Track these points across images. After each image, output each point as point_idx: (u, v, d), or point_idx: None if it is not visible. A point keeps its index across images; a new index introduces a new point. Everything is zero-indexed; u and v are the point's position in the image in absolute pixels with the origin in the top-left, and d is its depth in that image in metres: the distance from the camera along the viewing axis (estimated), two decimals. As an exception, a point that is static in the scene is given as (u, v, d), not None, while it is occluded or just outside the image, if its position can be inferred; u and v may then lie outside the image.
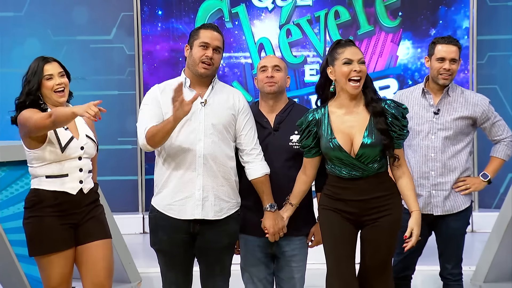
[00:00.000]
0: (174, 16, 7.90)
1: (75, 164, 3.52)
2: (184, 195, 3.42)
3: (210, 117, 3.44)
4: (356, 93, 3.36)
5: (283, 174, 3.58)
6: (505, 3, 7.81)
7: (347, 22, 7.84)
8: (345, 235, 3.42)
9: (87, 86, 7.64)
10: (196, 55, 3.45)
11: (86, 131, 3.59)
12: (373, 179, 3.39)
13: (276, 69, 3.63)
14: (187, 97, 3.31)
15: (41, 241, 3.50)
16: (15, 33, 7.89)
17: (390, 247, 3.45)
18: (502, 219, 5.01)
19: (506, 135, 4.02)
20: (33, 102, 3.49)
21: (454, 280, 3.99)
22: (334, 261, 3.42)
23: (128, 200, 8.00)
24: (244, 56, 7.95)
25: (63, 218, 3.50)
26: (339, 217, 3.42)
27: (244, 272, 3.71)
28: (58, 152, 3.47)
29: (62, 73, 3.56)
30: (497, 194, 7.76)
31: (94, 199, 3.62)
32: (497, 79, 7.80)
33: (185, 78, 3.49)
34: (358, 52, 3.39)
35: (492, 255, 5.07)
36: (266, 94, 3.65)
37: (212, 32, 3.49)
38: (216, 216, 3.45)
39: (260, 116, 3.65)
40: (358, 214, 3.40)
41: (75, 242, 3.56)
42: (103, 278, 3.56)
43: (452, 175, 3.93)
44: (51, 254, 3.49)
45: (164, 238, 3.48)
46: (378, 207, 3.39)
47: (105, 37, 8.00)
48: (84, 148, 3.54)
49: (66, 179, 3.50)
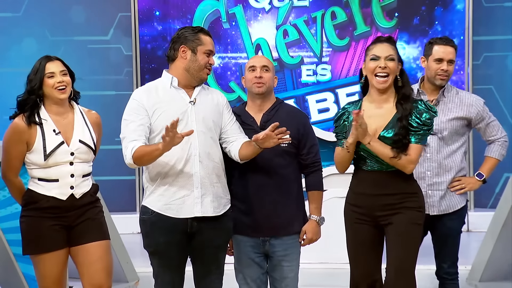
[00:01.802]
0: (171, 16, 7.89)
1: (66, 169, 3.51)
2: (183, 193, 3.42)
3: (200, 115, 3.46)
4: (382, 87, 3.42)
5: (274, 172, 3.59)
6: (501, 3, 7.82)
7: (343, 23, 7.85)
8: (362, 235, 3.48)
9: (85, 86, 7.51)
10: (203, 61, 3.49)
11: (82, 135, 3.57)
12: (389, 175, 3.42)
13: (265, 69, 3.63)
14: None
15: (33, 240, 3.52)
16: (13, 33, 7.88)
17: (407, 247, 3.43)
18: (498, 218, 5.02)
19: (501, 135, 4.04)
20: (33, 104, 3.50)
21: (450, 279, 4.00)
22: (350, 259, 3.53)
23: (125, 200, 8.00)
24: (241, 56, 7.95)
25: (54, 220, 3.50)
26: (356, 216, 3.48)
27: (238, 272, 3.71)
28: (42, 159, 3.48)
29: (65, 71, 3.55)
30: (492, 193, 7.77)
31: (90, 202, 3.60)
32: (493, 79, 7.82)
33: (172, 77, 3.50)
34: (387, 49, 3.43)
35: (488, 254, 5.07)
36: (254, 94, 3.66)
37: (211, 39, 3.56)
38: (215, 212, 3.47)
39: (246, 116, 3.66)
40: (371, 210, 3.44)
41: (68, 243, 3.56)
42: (100, 278, 3.56)
43: (448, 175, 3.93)
44: (42, 253, 3.50)
45: (160, 239, 3.46)
46: (391, 205, 3.42)
47: (103, 37, 8.00)
48: (74, 154, 3.53)
49: (56, 184, 3.50)
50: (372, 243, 3.49)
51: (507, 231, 4.96)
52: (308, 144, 3.66)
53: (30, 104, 3.49)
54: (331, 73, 7.88)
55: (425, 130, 3.41)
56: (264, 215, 3.58)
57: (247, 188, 3.60)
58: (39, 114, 3.51)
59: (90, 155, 3.59)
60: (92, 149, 3.60)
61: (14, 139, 3.49)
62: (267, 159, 3.57)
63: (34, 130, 3.48)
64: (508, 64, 7.87)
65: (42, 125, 3.49)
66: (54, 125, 3.52)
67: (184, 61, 3.51)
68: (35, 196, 3.51)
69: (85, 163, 3.59)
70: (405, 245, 3.43)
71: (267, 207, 3.58)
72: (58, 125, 3.53)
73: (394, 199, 3.43)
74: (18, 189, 3.61)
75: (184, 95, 3.49)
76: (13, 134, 3.49)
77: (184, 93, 3.49)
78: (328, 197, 3.80)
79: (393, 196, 3.43)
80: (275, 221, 3.59)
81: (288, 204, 3.63)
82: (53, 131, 3.50)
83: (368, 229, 3.48)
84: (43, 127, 3.49)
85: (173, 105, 3.45)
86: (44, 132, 3.48)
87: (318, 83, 7.91)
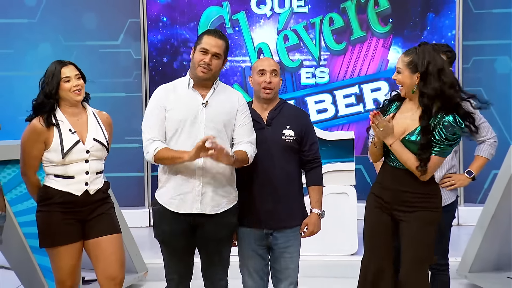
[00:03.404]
0: (178, 22, 7.89)
1: (81, 167, 3.54)
2: (185, 190, 3.43)
3: (210, 117, 3.45)
4: (402, 95, 3.40)
5: (280, 167, 3.59)
6: (489, 10, 7.81)
7: (341, 28, 7.85)
8: (379, 222, 3.48)
9: (96, 89, 7.60)
10: (196, 59, 3.47)
11: (96, 134, 3.60)
12: (411, 175, 3.39)
13: (274, 74, 3.63)
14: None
15: (48, 234, 3.54)
16: (28, 39, 7.89)
17: (423, 244, 3.41)
18: (486, 213, 5.02)
19: (490, 136, 4.04)
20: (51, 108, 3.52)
21: (441, 270, 4.01)
22: (365, 244, 3.55)
23: (134, 195, 8.00)
24: (244, 60, 7.96)
25: (69, 214, 3.52)
26: (376, 205, 3.49)
27: (241, 263, 3.71)
28: (60, 157, 3.49)
29: (78, 75, 3.58)
30: (481, 189, 7.77)
31: (102, 198, 3.62)
32: (482, 82, 7.81)
33: (189, 79, 3.51)
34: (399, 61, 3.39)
35: (477, 247, 5.07)
36: (261, 98, 3.66)
37: (214, 39, 3.49)
38: (213, 210, 3.47)
39: (253, 113, 3.66)
40: (391, 203, 3.44)
41: (82, 236, 3.57)
42: (114, 271, 3.58)
43: (439, 172, 3.94)
44: (57, 246, 3.52)
45: (166, 229, 3.49)
46: (410, 202, 3.40)
47: (113, 42, 8.00)
48: (89, 152, 3.55)
49: (72, 180, 3.52)
50: (387, 232, 3.48)
51: (495, 225, 4.96)
52: (309, 141, 3.67)
53: (48, 107, 3.51)
54: (329, 75, 7.88)
55: (446, 144, 3.32)
56: (267, 208, 3.59)
57: (251, 182, 3.60)
58: (55, 116, 3.53)
59: (103, 152, 3.61)
60: (105, 147, 3.62)
61: (32, 140, 3.51)
62: (272, 153, 3.58)
63: (51, 130, 3.50)
64: (496, 67, 7.86)
65: (59, 125, 3.52)
66: (70, 125, 3.54)
67: (191, 61, 3.54)
68: (50, 191, 3.53)
69: (99, 160, 3.61)
70: (415, 246, 3.41)
71: (271, 201, 3.59)
72: (74, 125, 3.56)
73: (411, 197, 3.41)
74: (36, 186, 3.63)
75: (198, 96, 3.47)
76: (31, 135, 3.51)
77: (198, 95, 3.47)
78: (326, 193, 3.79)
79: (411, 194, 3.41)
80: (278, 214, 3.60)
81: (290, 198, 3.63)
82: (69, 130, 3.52)
83: (387, 219, 3.48)
84: (60, 128, 3.52)
85: (186, 106, 3.45)
86: (61, 132, 3.51)
87: (317, 85, 7.91)
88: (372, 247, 3.52)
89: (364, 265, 3.55)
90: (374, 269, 3.49)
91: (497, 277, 5.08)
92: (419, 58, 3.34)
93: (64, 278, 3.56)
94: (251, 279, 3.67)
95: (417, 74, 3.34)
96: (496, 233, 5.01)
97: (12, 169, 4.31)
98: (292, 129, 3.61)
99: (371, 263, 3.50)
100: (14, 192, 4.32)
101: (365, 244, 3.59)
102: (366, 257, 3.55)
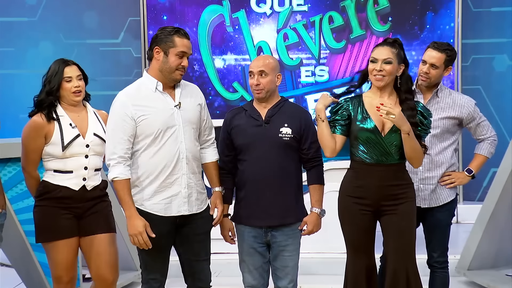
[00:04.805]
0: (178, 21, 7.88)
1: (81, 162, 3.53)
2: (170, 194, 3.39)
3: (186, 118, 3.41)
4: (377, 85, 3.47)
5: (277, 164, 3.56)
6: (488, 9, 7.80)
7: (340, 27, 7.83)
8: (365, 225, 3.50)
9: (97, 87, 7.56)
10: (174, 63, 3.34)
11: (95, 129, 3.59)
12: (393, 168, 3.47)
13: (262, 74, 3.55)
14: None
15: (45, 228, 3.54)
16: (29, 37, 7.88)
17: (411, 232, 3.50)
18: (485, 211, 5.01)
19: (490, 134, 4.02)
20: (50, 104, 3.53)
21: (440, 268, 3.99)
22: (352, 250, 3.54)
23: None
24: (243, 58, 7.94)
25: (66, 209, 3.53)
26: (359, 208, 3.48)
27: (241, 261, 3.70)
28: (60, 150, 3.48)
29: (80, 76, 3.60)
30: (480, 187, 7.77)
31: (99, 195, 3.61)
32: (480, 80, 7.81)
33: (157, 82, 3.38)
34: (386, 52, 3.45)
35: (476, 245, 5.07)
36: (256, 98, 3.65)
37: (187, 40, 3.38)
38: (199, 209, 3.48)
39: (253, 111, 3.63)
40: (377, 200, 3.45)
41: (78, 232, 3.56)
42: (105, 270, 3.58)
43: (439, 170, 3.92)
44: (53, 241, 3.51)
45: (153, 231, 3.35)
46: (396, 195, 3.46)
47: (114, 40, 7.98)
48: (89, 146, 3.54)
49: (71, 175, 3.53)
50: (372, 231, 3.53)
51: (493, 223, 4.96)
52: (309, 139, 3.63)
53: (48, 103, 3.52)
54: (328, 74, 7.87)
55: (421, 129, 3.46)
56: (265, 206, 3.56)
57: (250, 179, 3.58)
58: (56, 111, 3.55)
59: (103, 147, 3.61)
60: (105, 142, 3.61)
61: (32, 135, 3.51)
62: (269, 151, 3.56)
63: (52, 124, 3.52)
64: (495, 65, 7.85)
65: (59, 120, 3.53)
66: (70, 120, 3.56)
67: (157, 62, 3.38)
68: (48, 186, 3.53)
69: (98, 156, 3.61)
70: (405, 235, 3.47)
71: (269, 198, 3.56)
72: (74, 120, 3.58)
73: (397, 189, 3.46)
74: (36, 181, 3.62)
75: (169, 99, 3.39)
76: (32, 130, 3.51)
77: (169, 97, 3.39)
78: (326, 191, 3.77)
79: (396, 186, 3.46)
80: (276, 212, 3.57)
81: (288, 195, 3.60)
82: (69, 124, 3.54)
83: (369, 218, 3.50)
84: (60, 122, 3.53)
85: (159, 111, 3.35)
86: (61, 125, 3.52)
87: (316, 84, 7.89)
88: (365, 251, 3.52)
89: (351, 269, 3.54)
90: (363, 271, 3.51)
91: (496, 275, 5.07)
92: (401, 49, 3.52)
93: (61, 273, 3.54)
94: (251, 276, 3.65)
95: (402, 65, 3.50)
96: (495, 231, 5.00)
97: (12, 167, 4.29)
98: (290, 127, 3.58)
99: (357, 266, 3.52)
100: (15, 190, 4.31)
101: (356, 251, 3.54)
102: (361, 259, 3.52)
